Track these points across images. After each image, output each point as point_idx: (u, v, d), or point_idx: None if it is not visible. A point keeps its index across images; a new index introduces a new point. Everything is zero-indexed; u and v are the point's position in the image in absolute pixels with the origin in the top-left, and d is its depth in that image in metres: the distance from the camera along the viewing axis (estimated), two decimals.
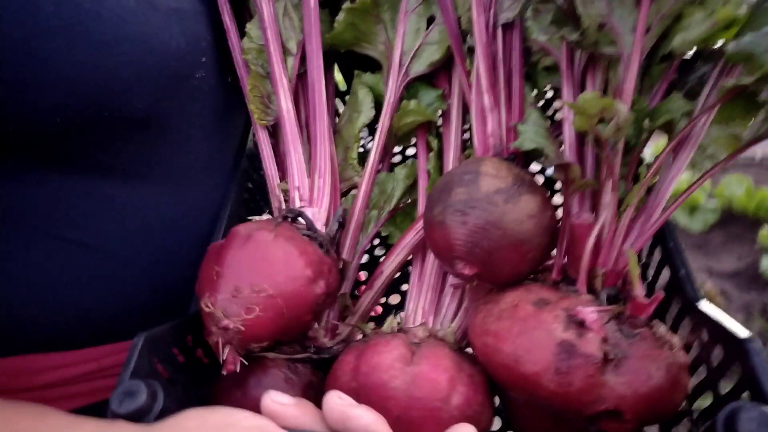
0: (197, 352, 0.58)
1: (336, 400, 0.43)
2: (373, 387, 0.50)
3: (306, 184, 0.64)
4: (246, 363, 0.51)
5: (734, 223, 2.32)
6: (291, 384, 0.56)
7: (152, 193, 0.64)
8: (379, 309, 0.74)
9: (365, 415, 0.42)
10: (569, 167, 0.50)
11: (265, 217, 0.62)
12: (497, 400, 0.57)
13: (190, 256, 0.66)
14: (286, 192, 0.64)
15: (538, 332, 0.47)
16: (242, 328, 0.50)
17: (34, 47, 0.48)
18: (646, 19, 0.49)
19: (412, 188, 0.70)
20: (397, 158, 0.87)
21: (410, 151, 0.88)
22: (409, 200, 0.71)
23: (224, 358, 0.50)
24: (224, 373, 0.50)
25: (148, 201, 0.64)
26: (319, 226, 0.61)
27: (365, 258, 0.79)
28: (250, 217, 0.62)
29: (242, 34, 0.67)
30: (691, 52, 0.57)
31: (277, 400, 0.44)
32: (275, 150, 0.67)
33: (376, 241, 0.79)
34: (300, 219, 0.59)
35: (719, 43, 0.55)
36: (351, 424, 0.41)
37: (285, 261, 0.53)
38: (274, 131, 0.68)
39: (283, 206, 0.63)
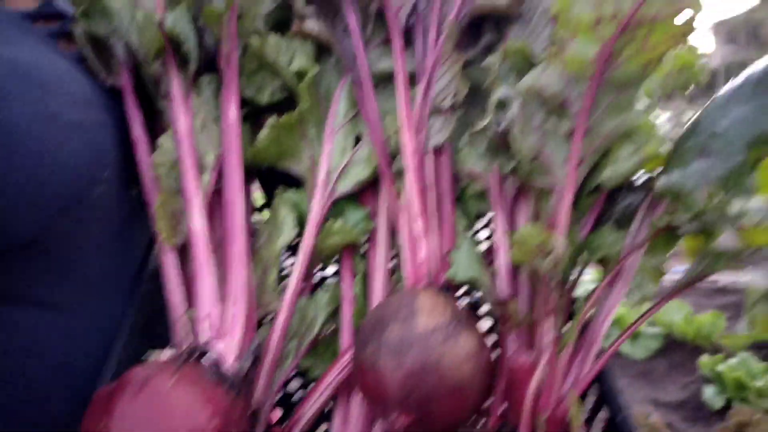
0: None
1: None
2: None
3: (217, 313, 0.56)
4: None
5: (676, 350, 2.35)
6: None
7: (28, 317, 0.55)
8: None
9: None
10: (507, 304, 0.47)
11: (167, 352, 0.53)
12: None
13: (73, 393, 0.56)
14: (194, 321, 0.56)
15: None
16: None
17: None
18: (579, 152, 0.49)
19: (334, 315, 0.64)
20: (316, 278, 0.82)
21: (329, 270, 0.82)
22: (333, 327, 0.65)
23: None
24: None
25: (21, 327, 0.55)
26: (230, 360, 0.54)
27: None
28: (151, 351, 0.54)
29: (155, 147, 0.61)
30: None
31: None
32: (183, 273, 0.60)
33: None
34: (203, 361, 0.51)
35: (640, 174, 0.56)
36: None
37: (187, 414, 0.45)
38: (183, 252, 0.61)
39: (190, 338, 0.55)
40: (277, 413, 0.66)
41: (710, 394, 1.97)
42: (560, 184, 0.50)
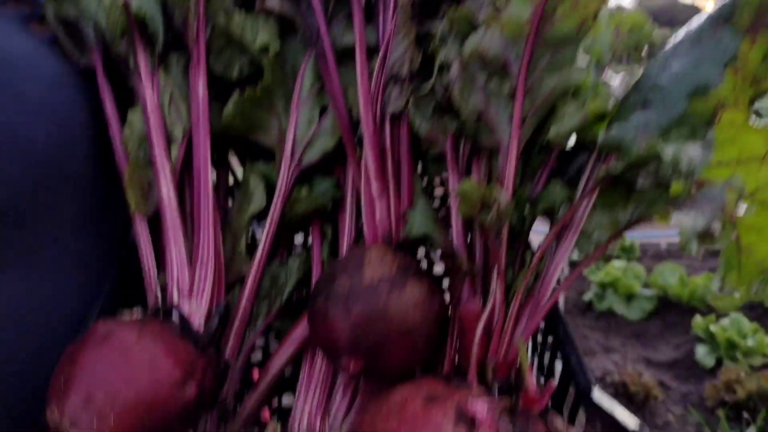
0: None
1: None
2: None
3: (186, 276, 0.59)
4: None
5: (670, 311, 2.38)
6: None
7: (8, 286, 0.57)
8: (267, 414, 0.68)
9: None
10: (454, 255, 0.49)
11: (137, 312, 0.56)
12: None
13: (52, 357, 0.59)
14: (164, 285, 0.59)
15: (428, 428, 0.43)
16: None
17: None
18: (521, 111, 0.51)
19: (306, 279, 0.67)
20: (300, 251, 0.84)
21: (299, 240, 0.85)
22: (304, 292, 0.67)
23: None
24: None
25: (11, 296, 0.57)
26: (198, 321, 0.56)
27: (260, 356, 0.73)
28: (122, 311, 0.56)
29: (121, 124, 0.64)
30: (572, 143, 0.60)
31: None
32: (156, 241, 0.62)
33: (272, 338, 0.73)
34: (171, 317, 0.54)
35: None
36: None
37: (149, 362, 0.48)
38: (155, 221, 0.64)
39: (160, 301, 0.58)
40: (258, 373, 0.68)
41: (702, 354, 1.99)
42: (505, 142, 0.52)
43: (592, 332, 2.33)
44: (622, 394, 1.81)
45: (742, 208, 0.65)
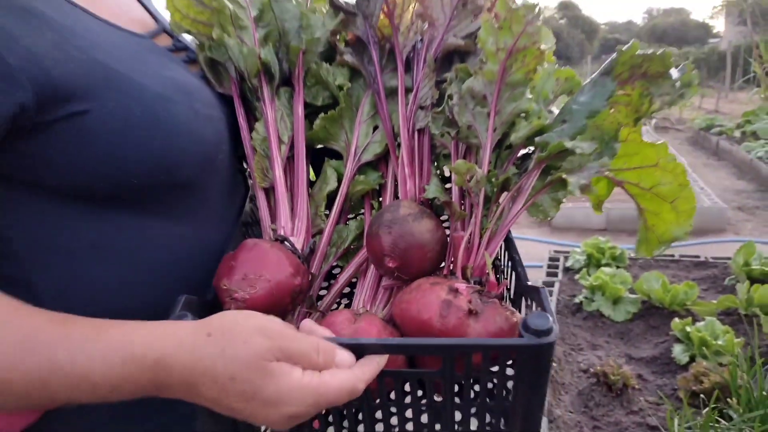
0: None
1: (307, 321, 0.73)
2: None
3: (289, 225, 0.96)
4: None
5: (653, 314, 2.69)
6: None
7: (184, 230, 0.95)
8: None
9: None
10: (451, 204, 0.85)
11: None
12: None
13: (202, 272, 0.95)
14: (275, 230, 0.96)
15: (431, 296, 0.78)
16: (247, 297, 0.80)
17: (128, 136, 0.79)
18: (494, 125, 0.87)
19: (360, 236, 1.03)
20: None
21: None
22: (359, 245, 1.03)
23: None
24: None
25: (182, 235, 0.94)
26: (298, 249, 0.93)
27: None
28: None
29: (251, 129, 1.03)
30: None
31: None
32: (268, 204, 1.00)
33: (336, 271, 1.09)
34: (286, 242, 0.91)
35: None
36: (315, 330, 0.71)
37: (277, 261, 0.84)
38: (268, 193, 1.01)
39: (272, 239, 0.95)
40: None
41: (678, 351, 2.27)
42: (484, 143, 0.88)
43: (581, 331, 2.62)
44: (603, 382, 2.10)
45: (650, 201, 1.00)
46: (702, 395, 1.87)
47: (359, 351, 0.70)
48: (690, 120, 12.09)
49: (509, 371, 0.72)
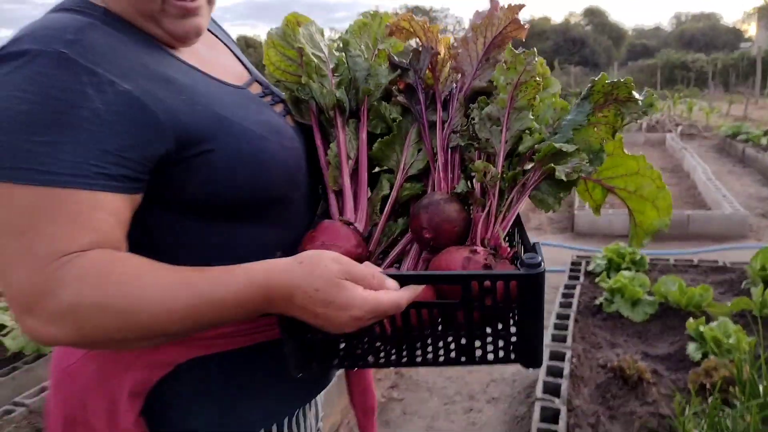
0: None
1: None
2: None
3: (354, 218, 1.28)
4: None
5: (670, 315, 2.80)
6: None
7: (277, 231, 1.27)
8: None
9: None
10: (473, 194, 1.15)
11: None
12: None
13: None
14: (343, 221, 1.28)
15: (456, 254, 1.08)
16: None
17: (239, 167, 1.12)
18: (506, 138, 1.19)
19: (405, 231, 1.34)
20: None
21: None
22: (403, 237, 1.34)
23: None
24: None
25: (276, 236, 1.26)
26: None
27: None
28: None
29: (326, 149, 1.37)
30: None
31: None
32: (337, 203, 1.33)
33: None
34: (351, 225, 1.22)
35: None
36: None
37: (346, 235, 1.16)
38: (338, 195, 1.34)
39: None
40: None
41: (692, 349, 2.39)
42: (498, 151, 1.19)
43: (601, 330, 2.76)
44: (620, 376, 2.24)
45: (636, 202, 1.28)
46: (711, 388, 2.01)
47: (402, 281, 0.99)
48: (716, 127, 11.91)
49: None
